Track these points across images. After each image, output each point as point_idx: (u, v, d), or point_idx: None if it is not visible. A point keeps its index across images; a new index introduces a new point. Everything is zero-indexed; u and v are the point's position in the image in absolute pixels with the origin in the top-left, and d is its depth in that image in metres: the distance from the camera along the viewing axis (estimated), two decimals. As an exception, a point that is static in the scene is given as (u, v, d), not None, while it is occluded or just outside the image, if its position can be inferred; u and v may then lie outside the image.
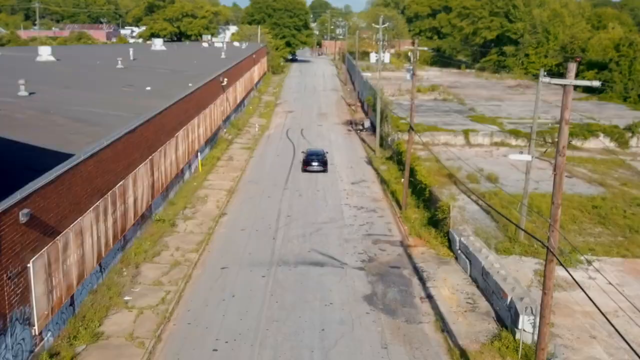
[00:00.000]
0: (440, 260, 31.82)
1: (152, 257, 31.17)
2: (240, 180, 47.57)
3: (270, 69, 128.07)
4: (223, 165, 52.26)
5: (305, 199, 42.45)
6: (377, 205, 41.64)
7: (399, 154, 50.77)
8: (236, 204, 41.32)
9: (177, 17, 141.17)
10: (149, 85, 50.61)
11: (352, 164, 54.10)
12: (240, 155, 56.57)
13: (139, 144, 33.46)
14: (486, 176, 47.13)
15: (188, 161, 46.29)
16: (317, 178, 48.55)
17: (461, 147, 58.88)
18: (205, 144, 53.43)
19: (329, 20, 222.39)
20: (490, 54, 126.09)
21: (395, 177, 47.81)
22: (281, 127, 72.62)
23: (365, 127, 71.27)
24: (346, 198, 42.94)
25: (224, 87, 63.78)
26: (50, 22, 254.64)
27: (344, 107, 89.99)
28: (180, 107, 43.44)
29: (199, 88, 50.79)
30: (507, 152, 57.48)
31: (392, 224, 37.64)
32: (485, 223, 36.80)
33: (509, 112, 74.78)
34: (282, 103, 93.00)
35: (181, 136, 43.65)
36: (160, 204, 38.35)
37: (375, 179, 48.83)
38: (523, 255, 32.31)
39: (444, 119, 67.31)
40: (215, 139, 59.13)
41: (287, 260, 31.36)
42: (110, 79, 55.29)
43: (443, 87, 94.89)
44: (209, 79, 55.62)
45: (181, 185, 43.92)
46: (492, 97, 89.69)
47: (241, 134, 67.10)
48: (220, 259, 31.55)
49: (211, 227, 36.24)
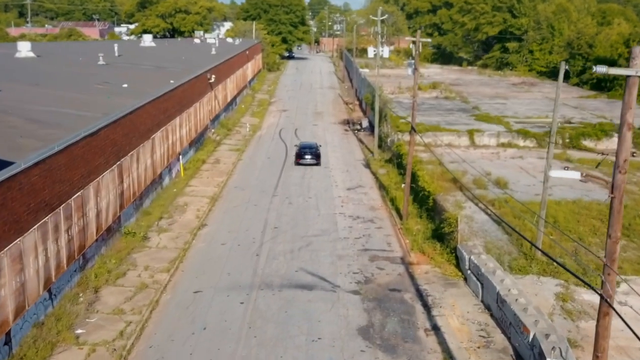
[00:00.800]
0: (447, 282, 27.73)
1: (115, 279, 27.08)
2: (225, 186, 43.47)
3: (266, 66, 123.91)
4: (208, 169, 48.15)
5: (295, 208, 38.36)
6: (375, 214, 37.55)
7: (399, 156, 46.71)
8: (218, 214, 37.23)
9: (169, 13, 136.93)
10: (128, 82, 46.54)
11: (348, 167, 50.02)
12: (228, 157, 52.47)
13: (103, 148, 29.37)
14: (494, 181, 43.06)
15: (167, 165, 42.22)
16: (310, 183, 44.49)
17: (466, 148, 54.72)
18: (189, 146, 49.34)
19: (327, 17, 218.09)
20: (493, 51, 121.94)
21: (395, 182, 43.75)
22: (274, 127, 68.52)
23: (364, 127, 67.18)
24: (341, 206, 38.84)
25: (212, 85, 59.67)
26: (44, 20, 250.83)
27: (341, 106, 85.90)
28: (157, 106, 39.35)
29: (181, 85, 46.70)
30: (515, 154, 53.54)
31: (392, 237, 33.55)
32: (496, 236, 32.70)
33: (515, 111, 70.63)
34: (276, 101, 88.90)
35: (159, 138, 39.57)
36: (132, 215, 34.25)
37: (373, 184, 44.76)
38: (541, 274, 28.22)
39: (447, 118, 63.20)
40: (202, 140, 55.04)
41: (271, 282, 27.25)
42: (88, 75, 51.15)
43: (445, 84, 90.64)
44: (193, 76, 51.53)
45: (159, 192, 39.84)
46: (497, 95, 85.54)
47: (231, 134, 62.99)
48: (194, 281, 27.45)
49: (188, 242, 32.14)
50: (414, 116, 34.89)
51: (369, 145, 58.39)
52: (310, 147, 51.00)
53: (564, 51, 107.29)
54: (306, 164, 49.16)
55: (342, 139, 62.39)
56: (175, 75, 52.12)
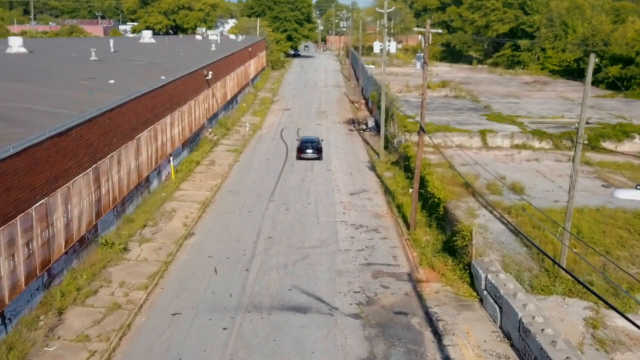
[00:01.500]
0: (460, 303, 24.45)
1: (84, 298, 23.95)
2: (219, 190, 40.32)
3: (270, 64, 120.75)
4: (202, 171, 45.00)
5: (292, 215, 35.14)
6: (380, 223, 34.29)
7: (406, 159, 43.46)
8: (208, 221, 34.06)
9: (172, 10, 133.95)
10: (118, 78, 43.42)
11: (352, 169, 46.79)
12: (225, 159, 49.31)
13: (75, 150, 26.25)
14: (509, 186, 39.74)
15: (156, 167, 39.11)
16: (310, 187, 41.28)
17: (477, 149, 51.34)
18: (182, 147, 46.22)
19: (334, 15, 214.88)
20: (504, 49, 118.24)
21: (402, 187, 40.50)
22: (275, 127, 65.36)
23: (369, 127, 63.93)
24: (343, 213, 35.60)
25: (209, 82, 56.54)
26: (49, 18, 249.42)
27: (346, 105, 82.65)
28: (144, 103, 36.25)
29: (173, 82, 43.59)
30: (530, 156, 50.14)
31: (398, 249, 30.28)
32: (514, 248, 29.39)
33: (528, 111, 67.12)
34: (279, 100, 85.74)
35: (146, 138, 36.46)
36: (112, 223, 31.12)
37: (378, 189, 41.50)
38: (567, 295, 24.91)
39: (457, 118, 59.82)
40: (197, 140, 51.92)
41: (260, 303, 24.04)
42: (76, 71, 48.07)
43: (454, 83, 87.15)
44: (187, 72, 48.40)
45: (145, 197, 36.72)
46: (508, 93, 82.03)
47: (229, 134, 59.84)
48: (173, 301, 24.29)
49: (171, 253, 28.99)
50: (423, 115, 31.61)
51: (374, 146, 55.16)
52: (311, 141, 50.14)
53: (578, 49, 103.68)
54: (307, 158, 48.40)
55: (346, 140, 59.16)
56: (169, 71, 49.04)
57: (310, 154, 48.85)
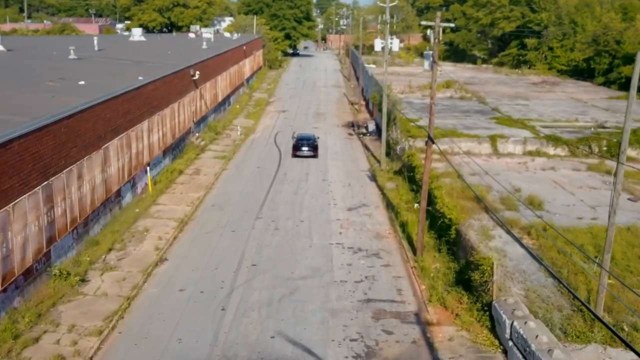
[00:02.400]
0: (480, 355, 20.10)
1: (21, 349, 19.63)
2: (201, 204, 36.01)
3: (267, 63, 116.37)
4: (184, 181, 40.69)
5: (282, 236, 30.80)
6: (382, 245, 29.95)
7: (410, 168, 39.14)
8: (185, 243, 29.73)
9: (167, 7, 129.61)
10: (92, 78, 39.10)
11: (350, 179, 42.47)
12: (211, 167, 45.00)
13: (18, 166, 21.94)
14: (526, 200, 35.45)
15: (130, 179, 34.80)
16: (304, 201, 36.96)
17: (487, 156, 46.98)
18: (163, 154, 41.89)
19: (334, 13, 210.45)
20: (510, 48, 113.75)
21: (407, 201, 36.21)
22: (270, 130, 61.06)
23: (370, 131, 59.61)
24: (339, 234, 31.25)
25: (197, 82, 52.22)
26: (44, 16, 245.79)
27: (345, 106, 78.32)
28: (113, 107, 31.93)
29: (152, 82, 39.29)
30: (545, 164, 45.83)
31: (403, 279, 25.93)
32: (538, 279, 25.05)
33: (539, 113, 62.72)
34: (275, 101, 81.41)
35: (116, 147, 32.14)
36: (71, 248, 26.81)
37: (379, 203, 37.16)
38: (608, 344, 20.57)
39: (464, 122, 55.49)
40: (182, 146, 47.61)
41: (236, 355, 19.68)
42: (49, 70, 43.73)
43: (459, 83, 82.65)
44: (170, 72, 44.07)
45: (115, 213, 32.40)
46: (517, 95, 77.61)
47: (219, 138, 55.51)
48: (130, 351, 19.95)
49: (137, 286, 24.67)
50: (431, 123, 27.27)
51: (375, 153, 50.85)
52: (307, 138, 49.61)
53: (588, 48, 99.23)
54: (303, 155, 47.89)
55: (346, 145, 54.83)
56: (152, 71, 44.70)
57: (306, 152, 48.10)
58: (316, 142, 49.77)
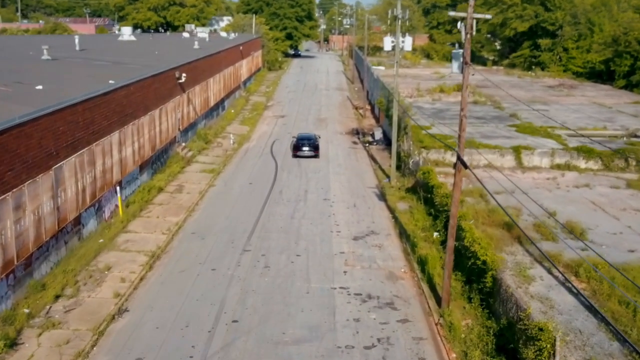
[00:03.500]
0: None
1: None
2: (179, 231, 30.35)
3: (266, 65, 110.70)
4: (164, 201, 35.04)
5: (273, 277, 25.09)
6: (397, 289, 24.24)
7: (426, 188, 33.45)
8: (152, 287, 24.06)
9: (162, 6, 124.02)
10: (56, 82, 33.51)
11: (356, 198, 36.79)
12: (197, 182, 39.37)
13: None
14: (564, 226, 29.80)
15: (94, 203, 29.16)
16: (301, 226, 31.29)
17: (511, 170, 41.22)
18: (139, 169, 36.25)
19: (337, 13, 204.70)
20: (522, 49, 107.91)
21: (423, 227, 30.53)
22: (266, 138, 55.42)
23: (376, 139, 53.94)
24: (343, 273, 25.55)
25: (183, 85, 46.61)
26: (40, 16, 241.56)
27: (349, 111, 72.64)
28: (71, 118, 26.30)
29: (125, 87, 33.67)
30: (578, 180, 40.16)
31: (427, 343, 20.19)
32: (600, 342, 19.21)
33: (562, 120, 56.71)
34: (273, 105, 75.77)
35: (73, 166, 26.51)
36: (4, 299, 21.13)
37: (391, 230, 31.45)
38: None
39: (481, 129, 49.79)
40: (165, 158, 41.98)
41: None
42: (12, 73, 38.10)
43: (471, 86, 76.85)
44: (149, 74, 38.46)
45: (73, 246, 26.74)
46: (534, 99, 71.76)
47: (209, 148, 49.88)
48: None
49: (82, 353, 19.00)
50: (462, 141, 21.51)
51: (383, 165, 45.15)
52: (308, 138, 48.40)
53: (605, 49, 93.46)
54: (304, 156, 46.57)
55: (350, 156, 49.13)
56: (131, 73, 39.09)
57: (307, 152, 46.77)
58: (317, 142, 48.14)
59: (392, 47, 39.38)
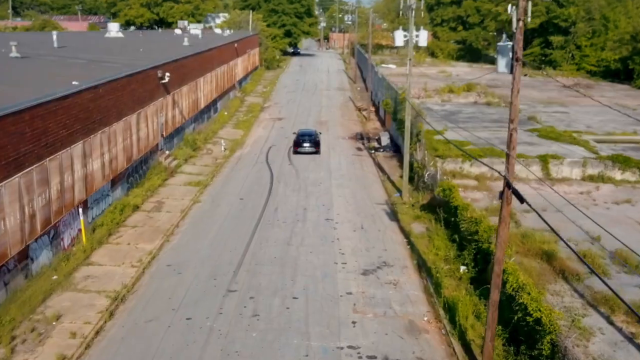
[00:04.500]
0: None
1: None
2: (152, 263, 25.21)
3: (264, 63, 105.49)
4: (138, 222, 29.88)
5: (262, 330, 19.91)
6: (420, 347, 19.07)
7: (449, 209, 28.30)
8: (108, 346, 18.88)
9: (156, 2, 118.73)
10: (16, 84, 28.38)
11: (363, 218, 31.63)
12: (180, 198, 34.24)
13: None
14: (615, 256, 24.82)
15: (49, 230, 24.01)
16: (299, 256, 26.14)
17: (538, 183, 35.89)
18: (111, 185, 31.09)
19: (337, 10, 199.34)
20: (532, 46, 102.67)
21: (446, 257, 25.41)
22: (262, 143, 50.29)
23: (384, 145, 48.79)
24: (352, 324, 20.35)
25: (167, 86, 41.47)
26: (35, 14, 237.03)
27: (352, 113, 67.49)
28: (12, 128, 21.15)
29: (92, 89, 28.50)
30: (615, 194, 35.11)
31: None
32: None
33: (586, 124, 51.74)
34: (270, 106, 70.61)
35: (16, 187, 21.38)
36: None
37: (407, 260, 26.29)
38: None
39: (499, 134, 44.66)
40: (144, 169, 36.84)
41: None
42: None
43: (481, 86, 71.72)
44: (124, 74, 33.28)
45: (17, 287, 21.58)
46: (550, 100, 66.62)
47: (197, 155, 44.74)
48: None
49: None
50: (511, 165, 16.34)
51: (393, 176, 40.00)
52: (309, 134, 47.77)
53: (621, 46, 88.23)
54: (305, 152, 45.97)
55: (354, 165, 43.97)
56: (107, 72, 33.91)
57: (308, 148, 46.15)
58: (318, 138, 47.54)
59: (404, 42, 34.17)
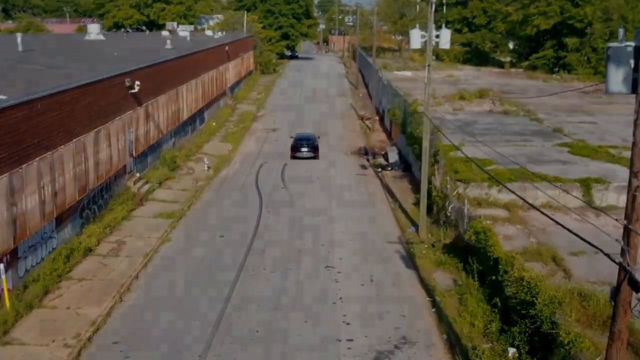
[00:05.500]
0: None
1: None
2: (93, 339, 18.77)
3: (260, 67, 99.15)
4: (88, 273, 23.43)
5: None
6: None
7: (485, 259, 21.84)
8: None
9: (145, 3, 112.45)
10: None
11: (372, 265, 25.16)
12: (146, 235, 27.81)
13: None
14: None
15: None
16: (288, 332, 19.67)
17: (579, 211, 29.12)
18: (56, 224, 24.68)
19: (337, 11, 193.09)
20: (545, 49, 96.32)
21: (486, 330, 18.98)
22: (252, 160, 43.95)
23: (391, 163, 42.42)
24: None
25: (138, 97, 35.07)
26: (26, 16, 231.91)
27: (354, 122, 61.18)
28: None
29: (26, 104, 22.11)
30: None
31: None
32: None
33: (621, 137, 44.96)
34: (265, 115, 64.28)
35: None
36: None
37: (432, 332, 19.81)
38: None
39: (524, 150, 38.35)
40: (106, 198, 30.43)
41: None
42: None
43: (494, 91, 65.25)
44: (74, 85, 26.87)
45: None
46: (572, 108, 60.22)
47: (175, 177, 38.32)
48: None
49: None
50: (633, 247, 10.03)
51: (405, 203, 33.52)
52: (307, 139, 46.27)
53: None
54: (303, 157, 44.16)
55: (359, 187, 37.56)
56: (64, 80, 27.56)
57: (306, 153, 44.45)
58: (317, 142, 45.86)
59: (422, 43, 27.74)
